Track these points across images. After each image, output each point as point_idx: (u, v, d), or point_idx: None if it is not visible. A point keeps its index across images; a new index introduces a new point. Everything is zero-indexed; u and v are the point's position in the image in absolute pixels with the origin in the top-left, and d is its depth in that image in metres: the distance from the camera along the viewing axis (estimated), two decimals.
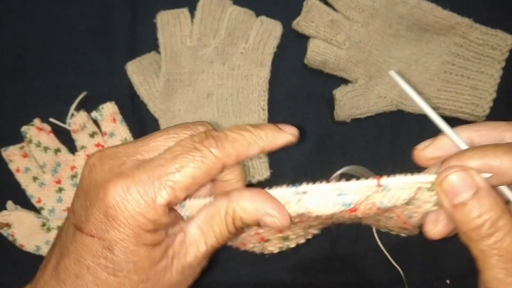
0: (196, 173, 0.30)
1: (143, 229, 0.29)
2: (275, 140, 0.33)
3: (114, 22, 0.63)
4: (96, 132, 0.60)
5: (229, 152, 0.31)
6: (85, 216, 0.31)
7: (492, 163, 0.29)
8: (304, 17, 0.61)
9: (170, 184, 0.29)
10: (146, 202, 0.29)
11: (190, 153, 0.30)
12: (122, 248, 0.30)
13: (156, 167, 0.30)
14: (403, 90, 0.33)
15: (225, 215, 0.31)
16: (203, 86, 0.61)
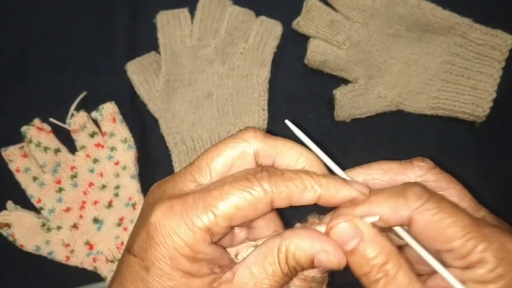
0: (241, 204, 0.29)
1: (180, 253, 0.28)
2: (336, 191, 0.30)
3: (114, 22, 0.63)
4: (96, 132, 0.60)
5: (280, 190, 0.29)
6: (134, 237, 0.30)
7: (376, 210, 0.30)
8: (304, 17, 0.61)
9: (213, 209, 0.29)
10: (186, 224, 0.28)
11: (239, 183, 0.29)
12: (158, 269, 0.29)
13: (204, 192, 0.29)
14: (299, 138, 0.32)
15: (277, 253, 0.30)
16: (203, 86, 0.61)
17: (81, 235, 0.58)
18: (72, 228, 0.58)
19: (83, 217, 0.58)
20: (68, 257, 0.58)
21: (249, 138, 0.31)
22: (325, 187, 0.30)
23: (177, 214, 0.29)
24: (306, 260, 0.30)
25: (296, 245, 0.30)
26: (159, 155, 0.61)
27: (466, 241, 0.28)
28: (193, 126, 0.60)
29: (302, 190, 0.30)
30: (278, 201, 0.30)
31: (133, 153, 0.60)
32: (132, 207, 0.59)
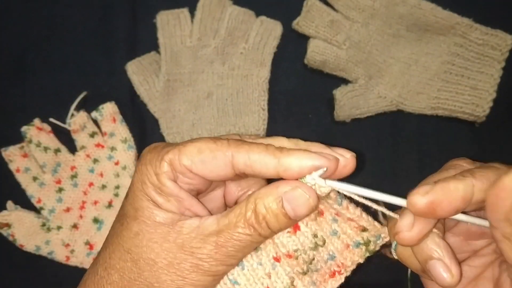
0: (202, 147, 0.31)
1: (148, 180, 0.32)
2: (296, 157, 0.30)
3: (114, 22, 0.63)
4: (96, 132, 0.60)
5: (242, 147, 0.31)
6: None
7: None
8: (304, 17, 0.61)
9: (180, 147, 0.32)
10: (157, 155, 0.32)
11: (210, 137, 0.32)
12: (131, 192, 0.33)
13: (185, 141, 0.33)
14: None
15: (245, 203, 0.31)
16: (203, 86, 0.61)
17: (81, 235, 0.58)
18: (72, 228, 0.58)
19: (83, 217, 0.58)
20: (68, 257, 0.58)
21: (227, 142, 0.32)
22: (286, 152, 0.30)
23: (156, 149, 0.33)
24: (274, 202, 0.30)
25: (264, 192, 0.31)
26: None
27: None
28: (193, 126, 0.60)
29: (261, 151, 0.31)
30: (238, 159, 0.31)
31: (133, 153, 0.60)
32: None
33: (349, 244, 0.33)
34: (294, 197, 0.30)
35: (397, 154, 0.60)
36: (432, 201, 0.28)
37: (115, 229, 0.34)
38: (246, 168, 0.31)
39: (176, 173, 0.32)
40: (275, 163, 0.30)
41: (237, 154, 0.31)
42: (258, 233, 0.30)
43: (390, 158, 0.61)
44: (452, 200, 0.29)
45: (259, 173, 0.31)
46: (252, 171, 0.31)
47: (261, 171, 0.31)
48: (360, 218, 0.33)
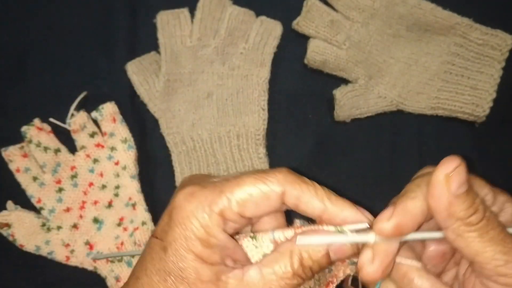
0: (254, 191, 0.31)
1: (195, 234, 0.30)
2: (342, 209, 0.32)
3: (114, 22, 0.63)
4: (96, 132, 0.60)
5: (293, 187, 0.31)
6: (159, 221, 0.33)
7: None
8: (304, 17, 0.61)
9: (228, 194, 0.31)
10: (203, 207, 0.31)
11: (256, 174, 0.32)
12: (173, 249, 0.31)
13: (223, 181, 0.32)
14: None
15: (290, 255, 0.31)
16: (203, 86, 0.61)
17: (81, 235, 0.58)
18: (72, 228, 0.58)
19: (83, 217, 0.58)
20: (68, 257, 0.58)
21: (278, 178, 0.32)
22: (334, 201, 0.32)
23: (197, 198, 0.31)
24: (322, 255, 0.31)
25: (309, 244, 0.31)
26: (159, 155, 0.61)
27: None
28: (193, 126, 0.60)
29: (312, 195, 0.31)
30: (289, 197, 0.31)
31: (133, 153, 0.60)
32: (132, 207, 0.59)
33: (346, 261, 0.35)
34: (341, 249, 0.31)
35: (397, 154, 0.60)
36: (397, 224, 0.30)
37: (153, 282, 0.31)
38: (293, 205, 0.32)
39: (226, 222, 0.31)
40: (322, 209, 0.31)
41: (289, 192, 0.31)
42: (303, 279, 0.31)
43: (390, 158, 0.61)
44: (414, 218, 0.30)
45: (303, 212, 0.32)
46: (296, 208, 0.32)
47: (306, 211, 0.32)
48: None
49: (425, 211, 0.31)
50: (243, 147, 0.59)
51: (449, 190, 0.29)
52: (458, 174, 0.29)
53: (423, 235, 0.32)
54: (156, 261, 0.31)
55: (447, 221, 0.30)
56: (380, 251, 0.31)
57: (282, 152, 0.61)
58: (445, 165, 0.30)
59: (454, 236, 0.30)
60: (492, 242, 0.30)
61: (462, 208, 0.30)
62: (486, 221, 0.30)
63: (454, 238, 0.30)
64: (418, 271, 0.32)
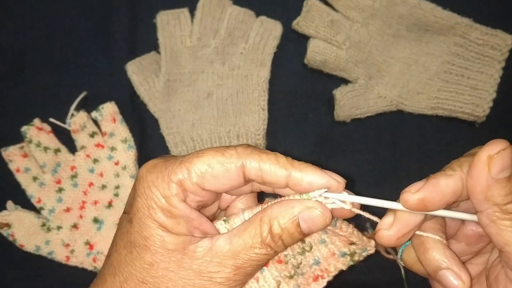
0: (213, 162, 0.31)
1: (156, 203, 0.30)
2: (307, 173, 0.31)
3: (114, 22, 0.63)
4: (96, 132, 0.60)
5: (253, 157, 0.31)
6: (128, 198, 0.33)
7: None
8: (304, 17, 0.61)
9: (187, 164, 0.31)
10: (163, 177, 0.31)
11: (215, 148, 0.32)
12: (137, 219, 0.31)
13: (186, 155, 0.32)
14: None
15: (259, 223, 0.31)
16: (203, 86, 0.61)
17: (81, 235, 0.58)
18: (72, 228, 0.58)
19: (83, 217, 0.58)
20: (68, 257, 0.58)
21: (237, 151, 0.32)
22: (297, 166, 0.31)
23: (157, 169, 0.31)
24: (291, 222, 0.30)
25: (278, 212, 0.31)
26: (159, 155, 0.61)
27: None
28: (193, 126, 0.60)
29: (273, 163, 0.31)
30: (250, 169, 0.31)
31: (133, 153, 0.60)
32: None
33: (335, 253, 0.35)
34: (311, 217, 0.31)
35: (397, 154, 0.60)
36: (423, 198, 0.30)
37: (121, 256, 0.32)
38: (257, 177, 0.31)
39: (186, 193, 0.31)
40: (286, 176, 0.31)
41: (249, 163, 0.31)
42: (274, 251, 0.31)
43: (390, 158, 0.61)
44: (443, 196, 0.30)
45: (268, 183, 0.32)
46: (261, 180, 0.31)
47: (271, 181, 0.31)
48: (351, 234, 0.34)
49: (459, 191, 0.30)
50: None
51: (490, 172, 0.28)
52: (501, 157, 0.28)
53: (453, 214, 0.32)
54: (124, 235, 0.32)
55: (483, 204, 0.29)
56: (401, 220, 0.31)
57: (282, 152, 0.60)
58: (490, 146, 0.29)
59: (487, 222, 0.30)
60: None
61: (500, 194, 0.29)
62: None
63: (487, 224, 0.30)
64: (436, 243, 0.32)
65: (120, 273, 0.32)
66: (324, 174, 0.31)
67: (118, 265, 0.32)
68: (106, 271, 0.33)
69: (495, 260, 0.33)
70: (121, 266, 0.32)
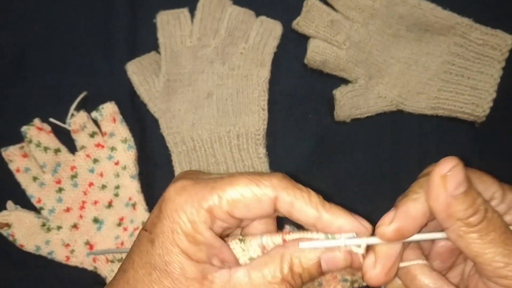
0: (246, 192, 0.30)
1: (181, 228, 0.30)
2: (337, 217, 0.31)
3: (114, 22, 0.63)
4: (96, 132, 0.60)
5: (286, 192, 0.30)
6: (150, 214, 0.33)
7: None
8: (304, 17, 0.61)
9: (219, 192, 0.30)
10: (192, 202, 0.30)
11: (250, 175, 0.31)
12: (160, 242, 0.30)
13: (216, 179, 0.31)
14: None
15: (281, 260, 0.30)
16: (203, 86, 0.61)
17: (81, 235, 0.58)
18: (72, 228, 0.58)
19: (83, 217, 0.58)
20: (68, 257, 0.58)
21: (272, 182, 0.31)
22: (328, 208, 0.31)
23: (187, 192, 0.30)
24: (313, 263, 0.30)
25: (301, 251, 0.30)
26: (159, 155, 0.61)
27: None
28: (193, 126, 0.60)
29: (306, 202, 0.31)
30: (281, 203, 0.30)
31: (133, 153, 0.60)
32: (132, 207, 0.59)
33: (337, 277, 0.35)
34: (333, 259, 0.31)
35: (397, 154, 0.60)
36: (398, 228, 0.30)
37: (139, 275, 0.31)
38: (286, 212, 0.31)
39: (215, 220, 0.30)
40: (316, 217, 0.31)
41: (282, 198, 0.31)
42: (292, 286, 0.31)
43: (390, 158, 0.61)
44: (416, 221, 0.30)
45: (296, 219, 0.31)
46: (290, 215, 0.31)
47: (299, 219, 0.31)
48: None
49: (427, 212, 0.30)
50: (243, 147, 0.59)
51: (446, 190, 0.29)
52: (454, 174, 0.29)
53: (426, 236, 0.32)
54: (143, 254, 0.31)
55: (447, 222, 0.30)
56: (382, 255, 0.31)
57: (282, 152, 0.61)
58: (441, 165, 0.29)
59: (455, 237, 0.30)
60: (492, 244, 0.29)
61: (460, 209, 0.29)
62: (486, 223, 0.30)
63: (455, 239, 0.30)
64: (421, 268, 0.32)
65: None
66: (354, 219, 0.31)
67: (135, 284, 0.31)
68: (120, 287, 0.32)
69: (471, 270, 0.34)
70: (138, 286, 0.31)
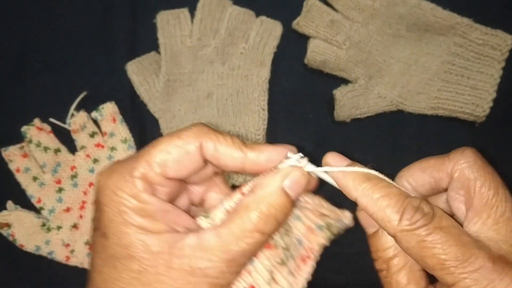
0: (170, 148, 0.29)
1: (127, 206, 0.29)
2: (262, 151, 0.31)
3: (114, 22, 0.63)
4: (96, 132, 0.60)
5: (209, 137, 0.30)
6: (92, 217, 0.31)
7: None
8: (304, 17, 0.61)
9: (145, 157, 0.29)
10: (124, 177, 0.29)
11: (169, 134, 0.30)
12: (112, 230, 0.29)
13: (141, 149, 0.30)
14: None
15: (245, 210, 0.29)
16: (203, 86, 0.61)
17: (81, 235, 0.58)
18: (72, 228, 0.58)
19: (83, 217, 0.58)
20: (68, 257, 0.58)
21: (193, 131, 0.31)
22: (251, 147, 0.31)
23: (115, 171, 0.30)
24: (279, 196, 0.30)
25: (262, 192, 0.30)
26: None
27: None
28: None
29: (229, 144, 0.30)
30: (206, 149, 0.30)
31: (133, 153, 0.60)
32: None
33: (312, 227, 0.34)
34: (294, 180, 0.31)
35: (397, 154, 0.60)
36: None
37: (105, 274, 0.30)
38: (213, 159, 0.31)
39: (153, 186, 0.29)
40: (242, 157, 0.31)
41: (206, 144, 0.30)
42: (267, 234, 0.30)
43: (390, 158, 0.61)
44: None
45: (224, 165, 0.31)
46: (217, 162, 0.31)
47: (226, 163, 0.31)
48: (320, 206, 0.34)
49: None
50: None
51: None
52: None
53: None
54: (101, 252, 0.30)
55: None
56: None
57: None
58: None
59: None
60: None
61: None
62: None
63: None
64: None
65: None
66: (278, 148, 0.31)
67: (104, 285, 0.30)
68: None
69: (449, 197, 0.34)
70: (108, 285, 0.29)
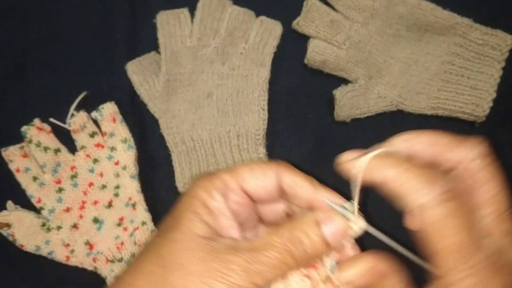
0: (254, 166, 0.35)
1: (196, 198, 0.33)
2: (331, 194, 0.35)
3: (114, 22, 0.63)
4: (96, 132, 0.60)
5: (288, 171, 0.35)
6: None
7: None
8: (304, 17, 0.61)
9: (231, 169, 0.35)
10: (208, 178, 0.34)
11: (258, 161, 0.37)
12: (173, 211, 0.34)
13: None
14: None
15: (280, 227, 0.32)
16: (203, 86, 0.61)
17: (81, 235, 0.58)
18: (72, 228, 0.58)
19: (83, 217, 0.58)
20: (68, 257, 0.58)
21: (275, 163, 0.35)
22: (323, 188, 0.36)
23: (201, 179, 0.34)
24: (312, 223, 0.32)
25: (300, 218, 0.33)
26: (159, 155, 0.61)
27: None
28: (193, 126, 0.60)
29: (305, 180, 0.35)
30: (285, 177, 0.35)
31: (133, 153, 0.60)
32: (132, 207, 0.59)
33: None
34: (337, 229, 0.33)
35: None
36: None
37: (150, 242, 0.34)
38: (289, 188, 0.35)
39: (227, 191, 0.34)
40: (314, 193, 0.35)
41: (285, 174, 0.35)
42: (293, 256, 0.31)
43: None
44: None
45: (297, 196, 0.35)
46: (292, 192, 0.35)
47: (300, 194, 0.35)
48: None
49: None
50: (243, 147, 0.59)
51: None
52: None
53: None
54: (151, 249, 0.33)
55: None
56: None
57: (282, 152, 0.61)
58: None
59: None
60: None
61: None
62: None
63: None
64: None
65: (141, 253, 0.33)
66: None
67: (143, 249, 0.34)
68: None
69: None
70: (144, 248, 0.33)
